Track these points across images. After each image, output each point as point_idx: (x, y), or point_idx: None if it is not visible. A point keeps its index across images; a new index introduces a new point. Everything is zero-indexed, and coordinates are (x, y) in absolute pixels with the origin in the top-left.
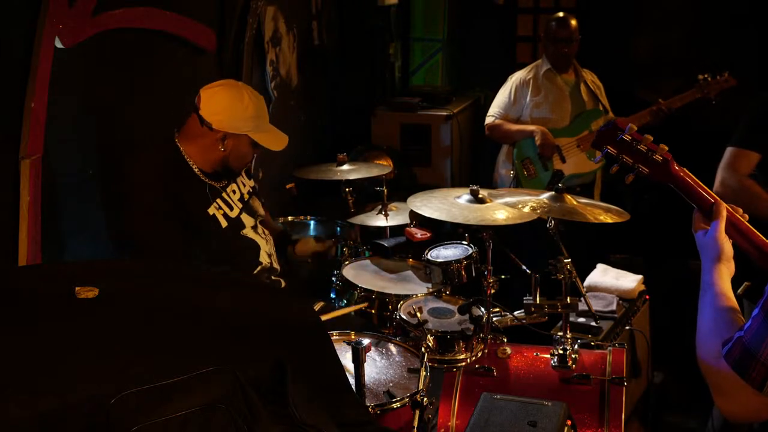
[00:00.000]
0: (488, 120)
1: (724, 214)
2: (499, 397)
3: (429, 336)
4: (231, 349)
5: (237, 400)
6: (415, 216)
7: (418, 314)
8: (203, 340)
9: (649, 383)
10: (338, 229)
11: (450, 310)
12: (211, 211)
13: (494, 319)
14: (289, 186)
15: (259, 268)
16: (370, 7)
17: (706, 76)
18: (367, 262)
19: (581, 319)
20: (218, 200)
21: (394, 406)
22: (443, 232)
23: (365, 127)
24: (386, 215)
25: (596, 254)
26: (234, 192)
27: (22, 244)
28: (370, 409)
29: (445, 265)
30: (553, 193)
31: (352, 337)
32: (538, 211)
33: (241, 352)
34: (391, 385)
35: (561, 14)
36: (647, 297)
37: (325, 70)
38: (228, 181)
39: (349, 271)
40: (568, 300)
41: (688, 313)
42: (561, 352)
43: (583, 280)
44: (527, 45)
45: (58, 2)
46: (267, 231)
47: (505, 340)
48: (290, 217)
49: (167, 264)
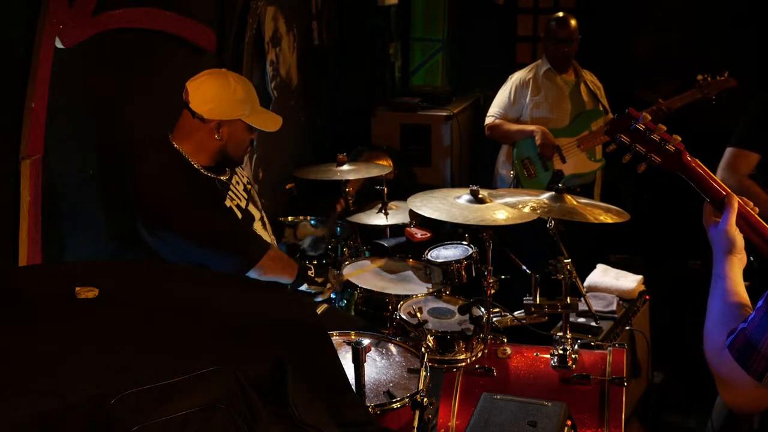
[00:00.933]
0: (488, 120)
1: (736, 206)
2: (499, 397)
3: (429, 336)
4: (231, 349)
5: (237, 400)
6: (415, 216)
7: (418, 314)
8: (203, 340)
9: (649, 383)
10: (338, 229)
11: (450, 310)
12: (227, 203)
13: (494, 319)
14: (289, 186)
15: None
16: (370, 7)
17: (706, 76)
18: (367, 262)
19: (581, 319)
20: (229, 193)
21: (394, 406)
22: (443, 232)
23: (365, 127)
24: (386, 215)
25: (596, 254)
26: (237, 183)
27: (22, 244)
28: (370, 409)
29: (445, 266)
30: (553, 193)
31: (352, 337)
32: (538, 211)
33: (241, 352)
34: (391, 385)
35: (561, 14)
36: (647, 297)
37: (325, 70)
38: (230, 173)
39: (349, 271)
40: (568, 300)
41: (688, 313)
42: (561, 352)
43: (583, 280)
44: (527, 45)
45: (58, 2)
46: (269, 226)
47: (505, 340)
48: (290, 217)
49: (167, 264)
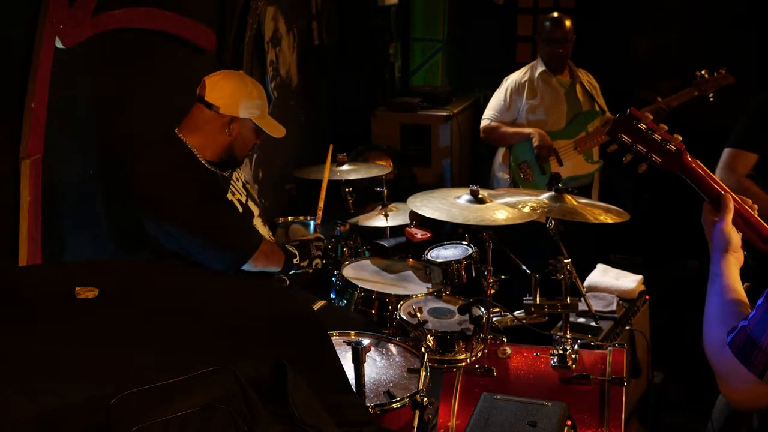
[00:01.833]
0: (483, 123)
1: (731, 206)
2: (499, 397)
3: (429, 336)
4: (231, 349)
5: (237, 400)
6: (415, 216)
7: (418, 314)
8: (203, 340)
9: (649, 383)
10: (338, 229)
11: (450, 310)
12: (229, 196)
13: (494, 319)
14: (289, 186)
15: None
16: (370, 7)
17: (703, 73)
18: (367, 262)
19: (581, 319)
20: (230, 187)
21: (394, 406)
22: (443, 232)
23: (365, 127)
24: (386, 215)
25: (596, 254)
26: (237, 180)
27: (22, 244)
28: (370, 409)
29: (445, 265)
30: (553, 193)
31: (352, 337)
32: (538, 211)
33: (241, 352)
34: (391, 385)
35: (555, 14)
36: (647, 297)
37: (325, 70)
38: (231, 172)
39: (349, 271)
40: (568, 300)
41: (688, 313)
42: (561, 352)
43: (583, 280)
44: (527, 45)
45: (58, 2)
46: (267, 225)
47: (505, 340)
48: (290, 217)
49: (167, 264)
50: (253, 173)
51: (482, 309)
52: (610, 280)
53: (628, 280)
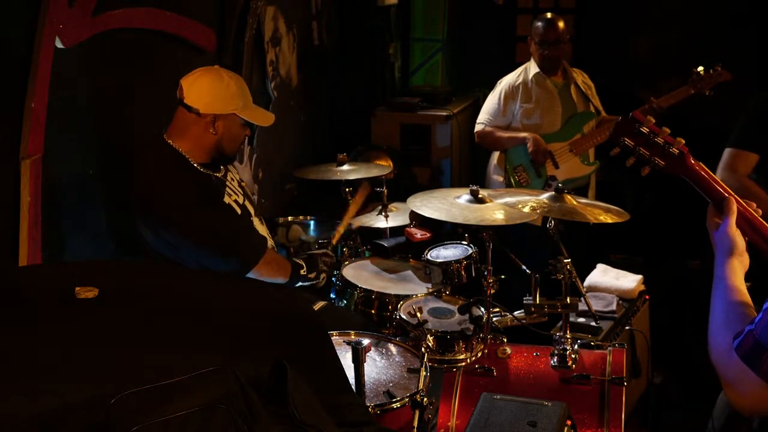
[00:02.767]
0: (478, 127)
1: (734, 209)
2: (499, 397)
3: (429, 336)
4: (231, 348)
5: (237, 400)
6: (415, 216)
7: (418, 314)
8: (203, 340)
9: (649, 383)
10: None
11: (450, 310)
12: (226, 199)
13: (494, 319)
14: (289, 186)
15: None
16: (370, 7)
17: (700, 70)
18: (367, 262)
19: (581, 319)
20: (226, 189)
21: (394, 406)
22: (443, 232)
23: (365, 127)
24: (386, 217)
25: (596, 254)
26: (232, 180)
27: (22, 244)
28: (370, 409)
29: (445, 265)
30: (553, 193)
31: (352, 337)
32: (538, 211)
33: (241, 352)
34: (391, 385)
35: (548, 15)
36: (647, 297)
37: (325, 70)
38: (225, 170)
39: (349, 271)
40: (568, 300)
41: (688, 313)
42: (561, 352)
43: (583, 280)
44: (527, 45)
45: (58, 2)
46: (264, 223)
47: (505, 340)
48: (290, 217)
49: (167, 264)
50: (253, 173)
51: (482, 309)
52: (610, 280)
53: (628, 280)
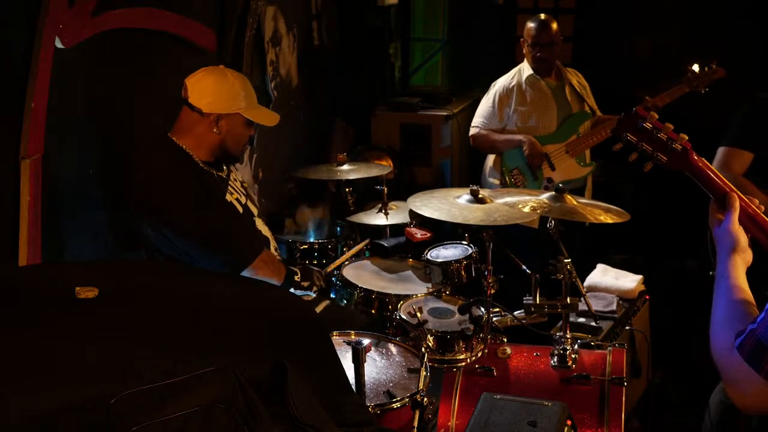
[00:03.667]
0: (472, 131)
1: (737, 205)
2: (499, 397)
3: (429, 336)
4: (231, 348)
5: (237, 400)
6: (415, 216)
7: (418, 314)
8: (203, 340)
9: (649, 383)
10: (338, 229)
11: (450, 310)
12: (228, 198)
13: (494, 319)
14: (289, 186)
15: None
16: (370, 7)
17: (694, 68)
18: (367, 262)
19: (581, 319)
20: (229, 187)
21: (394, 406)
22: (443, 232)
23: (365, 127)
24: (386, 215)
25: (596, 254)
26: (235, 180)
27: (22, 244)
28: (370, 409)
29: (445, 265)
30: (553, 193)
31: (352, 337)
32: (538, 211)
33: (241, 352)
34: (391, 385)
35: (542, 16)
36: (647, 297)
37: (325, 70)
38: (228, 170)
39: (349, 271)
40: (568, 300)
41: (688, 313)
42: (561, 352)
43: (583, 280)
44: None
45: (58, 2)
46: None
47: (505, 340)
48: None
49: (167, 264)
50: (253, 173)
51: (482, 309)
52: (610, 280)
53: (628, 280)
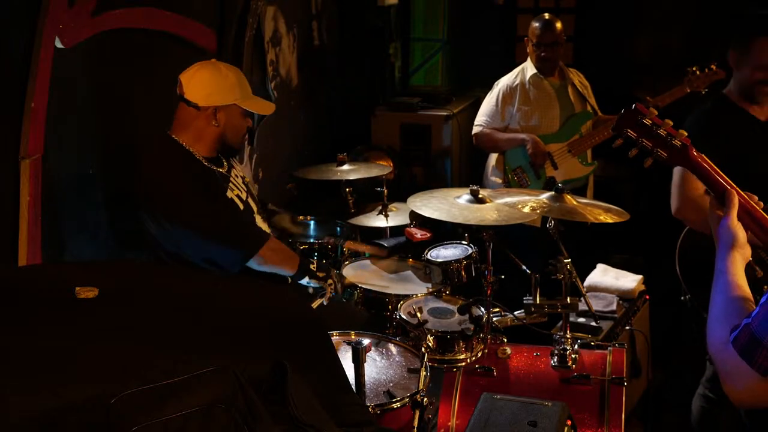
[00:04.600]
0: (475, 129)
1: (736, 201)
2: (499, 397)
3: (429, 336)
4: (231, 348)
5: (237, 400)
6: (415, 216)
7: (418, 314)
8: (203, 340)
9: (649, 383)
10: (338, 229)
11: (450, 310)
12: (228, 194)
13: (494, 319)
14: (289, 186)
15: None
16: (370, 7)
17: (695, 69)
18: (367, 262)
19: (581, 319)
20: (230, 184)
21: (394, 406)
22: (443, 232)
23: (365, 127)
24: (386, 215)
25: (596, 254)
26: (236, 177)
27: (22, 244)
28: (370, 409)
29: (445, 265)
30: (553, 193)
31: (352, 337)
32: (538, 211)
33: (241, 352)
34: (391, 385)
35: (546, 16)
36: (647, 297)
37: (325, 70)
38: (229, 165)
39: (349, 271)
40: (568, 300)
41: (688, 313)
42: (561, 352)
43: (583, 280)
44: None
45: (58, 2)
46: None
47: (505, 340)
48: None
49: (167, 264)
50: (253, 173)
51: (482, 309)
52: (610, 280)
53: (628, 280)
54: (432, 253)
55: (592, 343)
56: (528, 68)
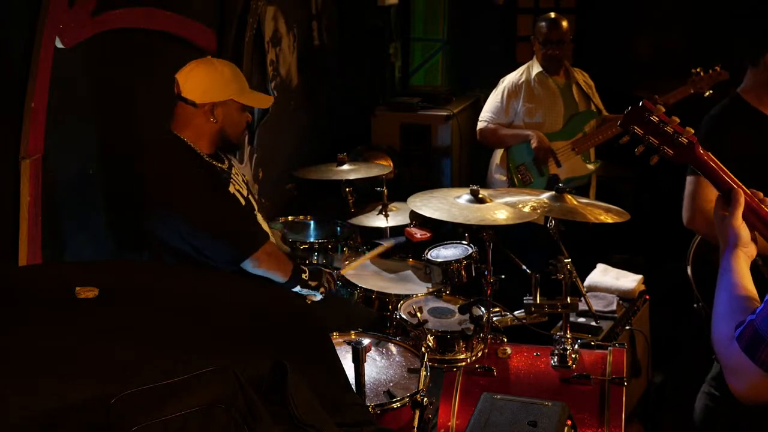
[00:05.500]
0: (480, 125)
1: (741, 200)
2: (499, 397)
3: (429, 336)
4: (231, 348)
5: (237, 400)
6: (415, 216)
7: (418, 314)
8: (203, 340)
9: (649, 383)
10: (338, 229)
11: (450, 310)
12: (231, 189)
13: (494, 318)
14: (289, 186)
15: None
16: (370, 7)
17: (699, 70)
18: (367, 262)
19: (581, 319)
20: (231, 180)
21: (394, 406)
22: (443, 232)
23: (365, 127)
24: (386, 215)
25: (596, 254)
26: (236, 174)
27: (22, 244)
28: (370, 409)
29: (445, 265)
30: (553, 193)
31: (352, 337)
32: (539, 211)
33: (241, 352)
34: (391, 385)
35: (552, 15)
36: (647, 297)
37: (325, 70)
38: (229, 163)
39: (349, 271)
40: (568, 300)
41: (688, 313)
42: (561, 352)
43: (583, 280)
44: (527, 45)
45: (58, 2)
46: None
47: (505, 340)
48: (290, 217)
49: (167, 264)
50: (253, 173)
51: (482, 309)
52: (610, 280)
53: (628, 280)
54: (432, 253)
55: (592, 343)
56: (534, 66)
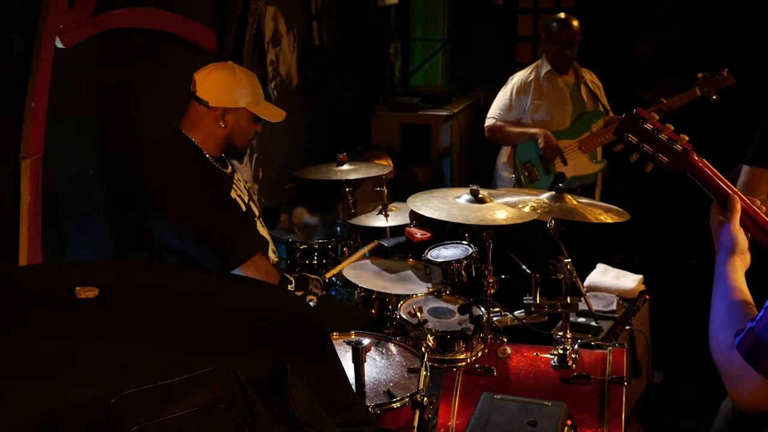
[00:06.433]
0: (488, 122)
1: (738, 207)
2: (499, 397)
3: (429, 336)
4: (231, 348)
5: (237, 400)
6: (415, 216)
7: (418, 314)
8: (203, 340)
9: (649, 383)
10: (338, 229)
11: (450, 310)
12: (233, 194)
13: (494, 318)
14: (289, 186)
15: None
16: (370, 7)
17: (706, 74)
18: (367, 262)
19: (581, 319)
20: (233, 185)
21: (394, 406)
22: (443, 232)
23: (365, 127)
24: (386, 215)
25: (596, 254)
26: (239, 180)
27: (22, 244)
28: (370, 409)
29: (445, 265)
30: (554, 193)
31: (352, 337)
32: (539, 211)
33: (241, 352)
34: (391, 385)
35: (563, 15)
36: (647, 297)
37: (325, 70)
38: (233, 168)
39: (349, 271)
40: (568, 300)
41: (688, 313)
42: (561, 352)
43: (583, 280)
44: (527, 45)
45: (58, 2)
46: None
47: (505, 340)
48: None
49: (167, 264)
50: (253, 173)
51: (482, 309)
52: (610, 280)
53: (628, 280)
54: (432, 253)
55: (592, 343)
56: (543, 65)
